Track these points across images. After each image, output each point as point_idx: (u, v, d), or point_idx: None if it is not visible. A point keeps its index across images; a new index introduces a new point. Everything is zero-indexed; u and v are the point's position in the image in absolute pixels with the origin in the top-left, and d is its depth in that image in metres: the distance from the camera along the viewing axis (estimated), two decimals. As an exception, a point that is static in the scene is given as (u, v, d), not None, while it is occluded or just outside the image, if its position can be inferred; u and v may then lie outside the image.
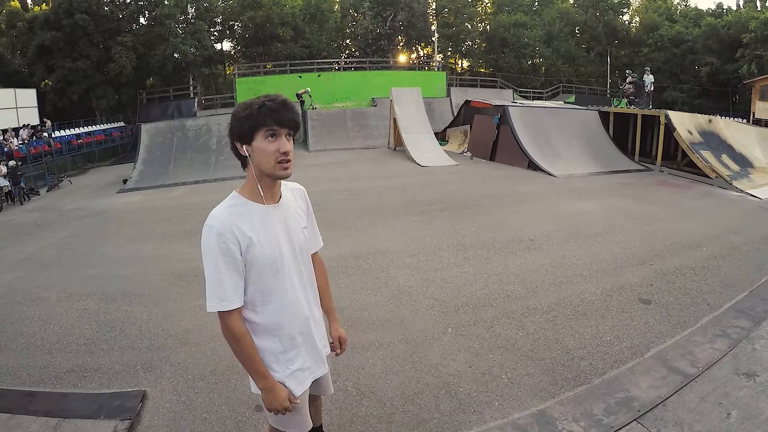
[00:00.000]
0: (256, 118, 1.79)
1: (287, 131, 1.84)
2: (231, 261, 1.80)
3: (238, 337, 1.86)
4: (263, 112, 1.79)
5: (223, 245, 1.78)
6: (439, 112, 26.57)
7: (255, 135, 1.82)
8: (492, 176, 13.69)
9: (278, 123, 1.80)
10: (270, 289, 1.91)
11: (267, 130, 1.80)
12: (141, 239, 8.63)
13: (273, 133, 1.81)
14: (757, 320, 4.67)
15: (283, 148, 1.82)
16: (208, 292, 1.82)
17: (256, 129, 1.81)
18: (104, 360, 4.40)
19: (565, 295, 5.42)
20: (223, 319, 1.85)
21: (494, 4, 45.21)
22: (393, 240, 7.62)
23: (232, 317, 1.84)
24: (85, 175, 19.73)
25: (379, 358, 4.16)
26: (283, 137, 1.83)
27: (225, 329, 1.87)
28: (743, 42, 34.52)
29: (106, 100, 29.02)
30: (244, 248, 1.82)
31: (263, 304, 1.92)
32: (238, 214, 1.85)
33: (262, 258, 1.85)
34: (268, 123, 1.79)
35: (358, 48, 40.88)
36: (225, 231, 1.79)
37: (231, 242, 1.79)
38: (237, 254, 1.81)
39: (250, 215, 1.87)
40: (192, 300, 5.57)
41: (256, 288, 1.89)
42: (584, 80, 41.61)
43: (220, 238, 1.78)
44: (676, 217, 9.02)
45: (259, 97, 1.85)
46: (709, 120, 16.21)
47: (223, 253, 1.79)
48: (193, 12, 34.48)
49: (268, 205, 1.93)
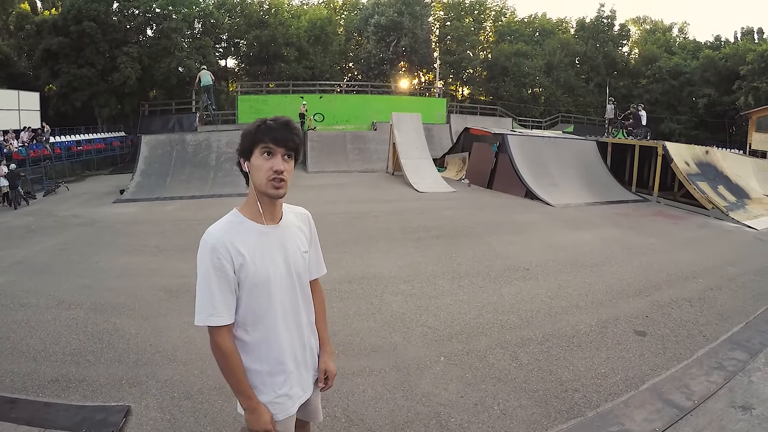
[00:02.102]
0: (256, 134, 1.83)
1: (284, 151, 1.84)
2: (223, 277, 1.79)
3: (226, 354, 1.84)
4: (262, 129, 1.82)
5: (216, 261, 1.78)
6: (439, 138, 26.81)
7: (253, 151, 1.84)
8: (489, 204, 13.71)
9: (274, 141, 1.81)
10: (262, 310, 1.89)
11: (263, 147, 1.82)
12: (135, 251, 8.56)
13: (268, 151, 1.82)
14: (754, 352, 4.64)
15: (276, 166, 1.82)
16: (198, 305, 1.80)
17: (255, 145, 1.83)
18: (90, 372, 4.32)
19: (559, 326, 5.37)
20: (211, 335, 1.83)
21: (496, 34, 46.04)
22: (388, 265, 7.57)
23: (221, 333, 1.82)
24: (82, 183, 19.64)
25: (369, 385, 4.09)
26: (279, 156, 1.83)
27: (213, 345, 1.85)
28: (740, 74, 35.12)
29: (109, 109, 29.08)
30: (237, 266, 1.81)
31: (254, 324, 1.89)
32: (236, 231, 1.85)
33: (255, 278, 1.83)
34: (264, 140, 1.81)
35: (361, 71, 41.43)
36: (219, 247, 1.78)
37: (224, 259, 1.78)
38: (230, 271, 1.80)
39: (247, 234, 1.86)
40: (182, 316, 5.48)
41: (248, 308, 1.87)
42: (583, 110, 42.04)
43: (214, 253, 1.78)
44: (673, 248, 9.01)
45: (265, 117, 1.89)
46: (706, 151, 16.35)
47: (216, 269, 1.78)
48: (200, 27, 34.96)
49: (267, 225, 1.91)
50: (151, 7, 30.33)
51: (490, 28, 47.24)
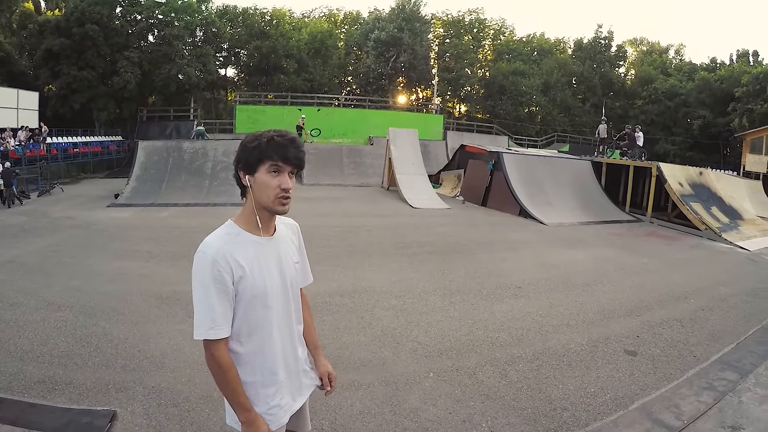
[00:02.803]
0: (263, 150, 1.80)
1: (291, 168, 1.85)
2: (223, 289, 1.77)
3: (224, 368, 1.81)
4: (271, 146, 1.80)
5: (216, 273, 1.75)
6: (435, 154, 26.89)
7: (259, 167, 1.82)
8: (483, 221, 13.71)
9: (283, 159, 1.81)
10: (257, 321, 1.87)
11: (271, 164, 1.81)
12: (127, 256, 8.50)
13: (276, 168, 1.82)
14: (744, 373, 4.64)
15: (284, 184, 1.83)
16: (197, 319, 1.77)
17: (261, 161, 1.81)
18: (77, 375, 4.28)
19: (550, 344, 5.35)
20: (209, 349, 1.80)
21: (494, 52, 46.54)
22: (380, 280, 7.55)
23: (219, 347, 1.80)
24: (77, 185, 19.51)
25: (357, 399, 4.06)
26: (286, 174, 1.84)
27: (210, 359, 1.81)
28: (735, 96, 35.47)
29: (107, 112, 29.12)
30: (237, 278, 1.79)
31: (248, 335, 1.88)
32: (234, 243, 1.83)
33: (254, 290, 1.82)
34: (273, 157, 1.80)
35: (359, 86, 41.73)
36: (219, 259, 1.76)
37: (225, 271, 1.76)
38: (229, 283, 1.78)
39: (245, 246, 1.85)
40: (172, 324, 5.45)
41: (244, 319, 1.85)
42: (579, 130, 42.32)
43: (215, 265, 1.75)
44: (665, 269, 9.03)
45: (269, 131, 1.85)
46: (700, 172, 16.50)
47: (216, 281, 1.76)
48: (201, 36, 35.21)
49: (263, 237, 1.91)
50: (154, 13, 30.62)
51: (489, 46, 47.80)
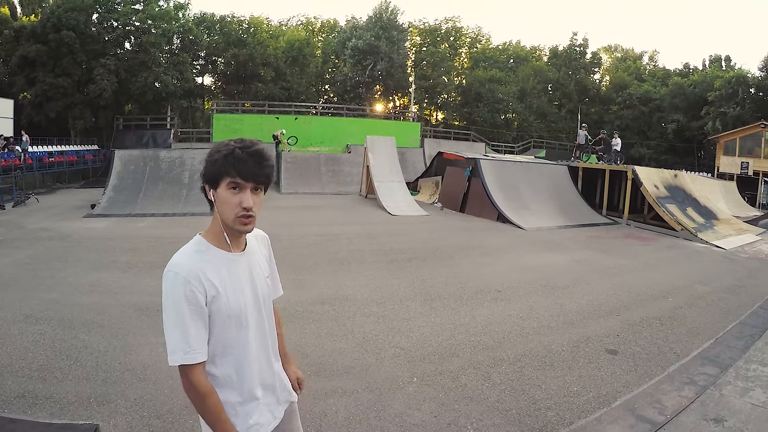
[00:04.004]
0: (222, 166, 1.66)
1: (253, 185, 1.69)
2: (197, 310, 1.65)
3: (203, 395, 1.69)
4: (229, 161, 1.65)
5: (189, 293, 1.63)
6: (412, 162, 27.01)
7: (220, 182, 1.68)
8: (461, 227, 13.74)
9: (242, 176, 1.66)
10: (231, 341, 1.77)
11: (230, 180, 1.66)
12: (105, 267, 8.31)
13: (236, 185, 1.67)
14: (724, 367, 4.70)
15: (245, 203, 1.68)
16: (170, 343, 1.64)
17: (222, 177, 1.67)
18: (57, 389, 4.15)
19: (531, 346, 5.37)
20: (185, 375, 1.68)
21: (471, 60, 47.09)
22: (360, 287, 7.50)
23: (196, 372, 1.67)
24: (53, 195, 19.15)
25: (342, 406, 4.01)
26: (248, 191, 1.68)
27: (188, 386, 1.69)
28: (708, 100, 36.51)
29: (83, 121, 28.74)
30: (210, 298, 1.68)
31: (223, 356, 1.77)
32: (205, 261, 1.72)
33: (228, 310, 1.72)
34: (231, 174, 1.65)
35: (337, 94, 41.76)
36: (192, 278, 1.65)
37: (198, 291, 1.65)
38: (203, 303, 1.66)
39: (216, 263, 1.74)
40: (152, 335, 5.32)
41: (218, 340, 1.74)
42: (555, 136, 42.94)
43: (187, 285, 1.64)
44: (643, 269, 9.15)
45: (234, 141, 1.70)
46: (675, 175, 16.81)
47: (189, 302, 1.64)
48: (178, 43, 34.92)
49: (234, 252, 1.81)
50: (131, 20, 30.21)
51: (465, 54, 48.35)
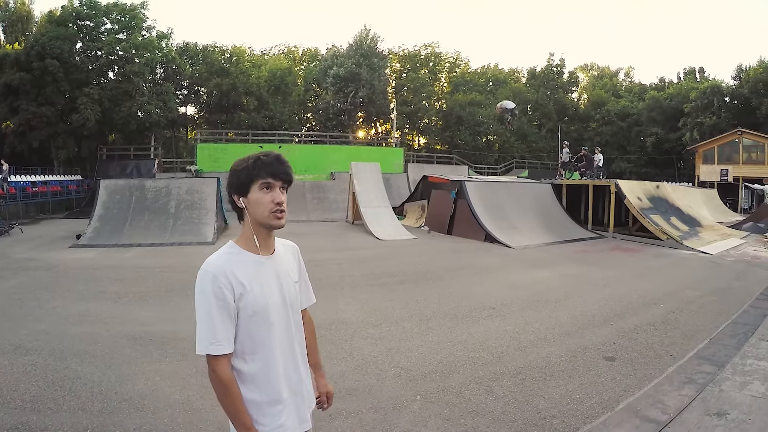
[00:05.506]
0: (252, 170, 1.88)
1: (281, 184, 1.92)
2: (224, 306, 1.81)
3: (225, 384, 1.83)
4: (258, 165, 1.88)
5: (217, 290, 1.81)
6: (397, 187, 27.16)
7: (251, 187, 1.90)
8: (450, 249, 13.79)
9: (272, 175, 1.89)
10: (260, 339, 1.90)
11: (262, 182, 1.88)
12: (94, 298, 8.18)
13: (268, 185, 1.89)
14: (721, 364, 4.77)
15: (277, 198, 1.90)
16: (199, 334, 1.82)
17: (252, 181, 1.89)
18: (52, 420, 4.06)
19: (530, 359, 5.40)
20: (210, 364, 1.83)
21: (451, 84, 47.79)
22: (354, 310, 7.49)
23: (220, 363, 1.83)
24: (37, 225, 18.92)
25: (348, 427, 3.98)
26: (278, 189, 1.91)
27: (212, 374, 1.84)
28: (685, 111, 37.43)
29: (66, 151, 28.51)
30: (237, 295, 1.84)
31: (252, 353, 1.90)
32: (234, 261, 1.89)
33: (254, 306, 1.86)
34: (262, 175, 1.88)
35: (319, 122, 41.99)
36: (220, 275, 1.82)
37: (225, 287, 1.82)
38: (230, 300, 1.83)
39: (245, 263, 1.90)
40: (148, 364, 5.25)
41: (246, 336, 1.88)
42: (536, 155, 43.53)
43: (215, 282, 1.81)
44: (632, 279, 9.27)
45: (254, 154, 1.94)
46: (657, 186, 17.13)
47: (217, 297, 1.81)
48: (162, 73, 34.96)
49: (263, 255, 1.96)
50: (115, 50, 30.17)
51: (445, 79, 49.05)
